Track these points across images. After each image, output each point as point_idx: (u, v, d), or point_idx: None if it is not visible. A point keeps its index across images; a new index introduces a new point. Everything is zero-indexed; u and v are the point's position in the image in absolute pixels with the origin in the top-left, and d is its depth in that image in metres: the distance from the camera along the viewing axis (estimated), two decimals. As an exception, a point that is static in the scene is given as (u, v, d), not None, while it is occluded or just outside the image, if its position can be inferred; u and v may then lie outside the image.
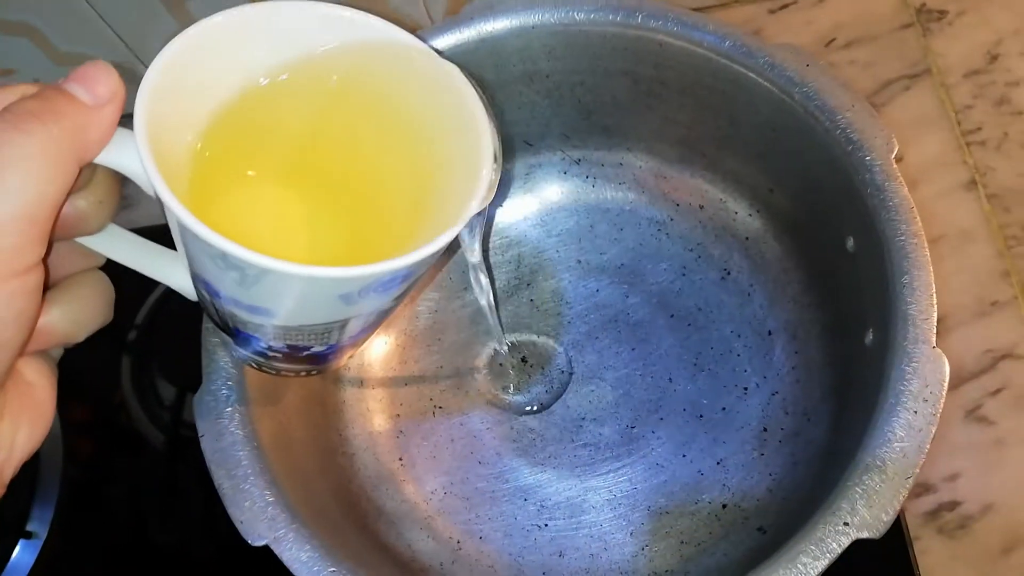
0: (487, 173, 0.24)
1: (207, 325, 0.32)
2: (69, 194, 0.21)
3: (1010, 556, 0.40)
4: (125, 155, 0.22)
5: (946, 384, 0.27)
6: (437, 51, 0.26)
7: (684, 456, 0.38)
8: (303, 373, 0.29)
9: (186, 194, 0.24)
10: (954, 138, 0.49)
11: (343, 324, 0.25)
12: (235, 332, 0.26)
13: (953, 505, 0.41)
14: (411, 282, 0.25)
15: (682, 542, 0.36)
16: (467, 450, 0.40)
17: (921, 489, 0.41)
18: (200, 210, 0.21)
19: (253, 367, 0.29)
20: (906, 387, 0.27)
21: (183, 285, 0.27)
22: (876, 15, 0.52)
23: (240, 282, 0.22)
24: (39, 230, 0.20)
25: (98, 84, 0.21)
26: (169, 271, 0.27)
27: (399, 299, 0.26)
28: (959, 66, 0.50)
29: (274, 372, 0.29)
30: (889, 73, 0.50)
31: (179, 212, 0.20)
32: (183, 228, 0.21)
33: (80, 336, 0.24)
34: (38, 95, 0.21)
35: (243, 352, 0.27)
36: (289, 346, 0.26)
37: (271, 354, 0.26)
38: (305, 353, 0.27)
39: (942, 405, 0.26)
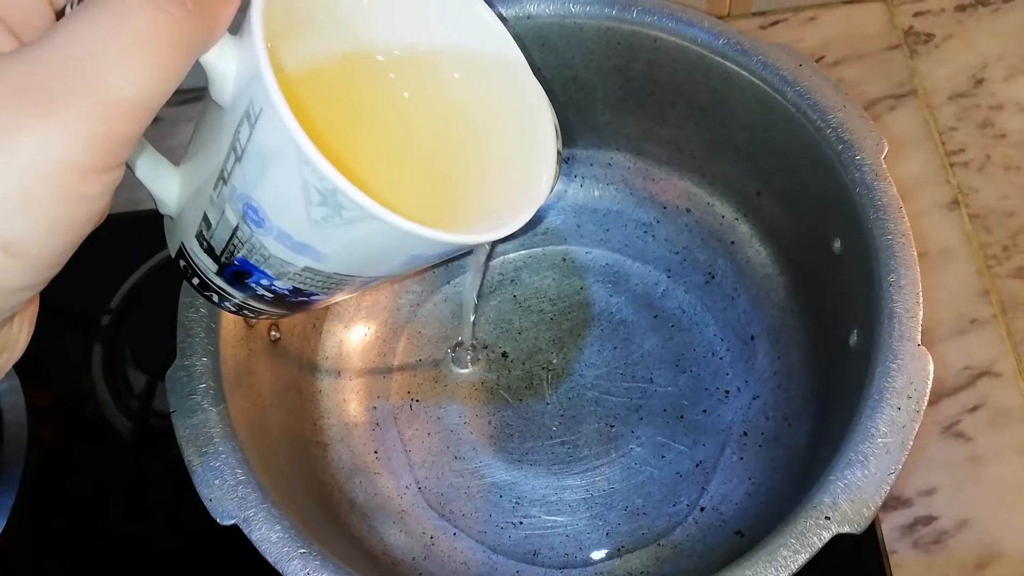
0: (548, 177, 0.26)
1: (185, 299, 0.32)
2: None
3: (984, 572, 0.40)
4: (226, 59, 0.20)
5: (930, 381, 0.27)
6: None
7: (663, 457, 0.38)
8: (273, 316, 0.28)
9: None
10: (938, 158, 0.49)
11: (369, 280, 0.24)
12: (236, 264, 0.24)
13: (929, 520, 0.41)
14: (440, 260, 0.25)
15: (659, 544, 0.36)
16: (443, 444, 0.39)
17: (897, 503, 0.41)
18: None
19: (214, 302, 0.27)
20: (890, 384, 0.26)
21: (166, 196, 0.25)
22: (864, 35, 0.53)
23: (321, 221, 0.21)
24: (147, 122, 0.18)
25: None
26: (159, 178, 0.25)
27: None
28: (944, 88, 0.51)
29: (233, 309, 0.27)
30: (875, 93, 0.51)
31: (295, 132, 0.19)
32: (279, 148, 0.20)
33: None
34: None
35: (228, 291, 0.26)
36: (295, 289, 0.25)
37: (262, 293, 0.25)
38: (300, 299, 0.25)
39: (926, 402, 0.26)
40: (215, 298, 0.27)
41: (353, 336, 0.41)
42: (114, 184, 0.19)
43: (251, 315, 0.28)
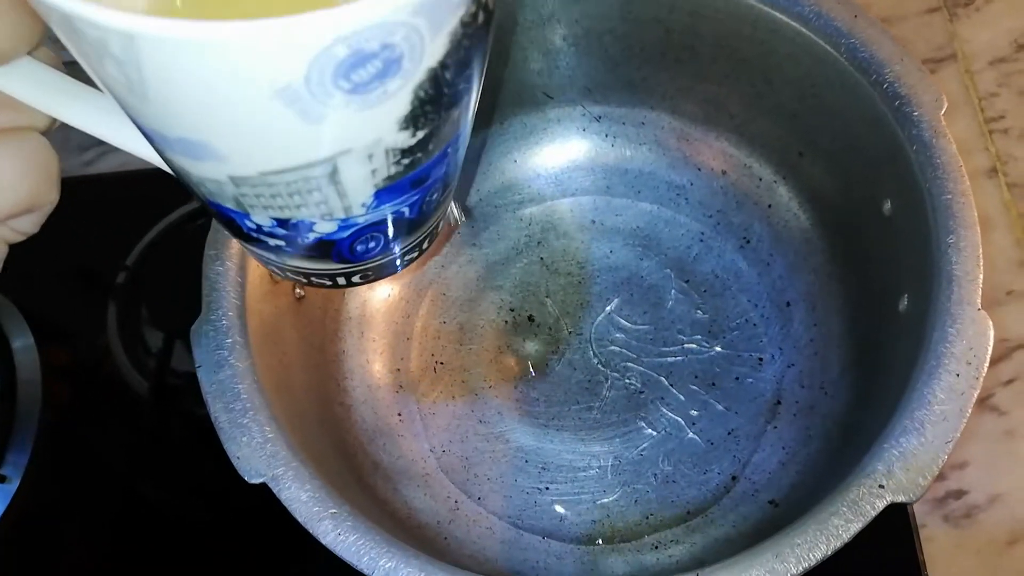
0: None
1: (210, 252, 0.31)
2: None
3: (1015, 548, 0.39)
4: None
5: (990, 347, 0.26)
6: None
7: (694, 424, 0.37)
8: (341, 279, 0.23)
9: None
10: (977, 125, 0.48)
11: (330, 172, 0.18)
12: (210, 207, 0.20)
13: (960, 494, 0.40)
14: (404, 76, 0.16)
15: (688, 512, 0.35)
16: (467, 408, 0.38)
17: (929, 475, 0.40)
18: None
19: (277, 274, 0.23)
20: (948, 349, 0.25)
21: (121, 138, 0.21)
22: (904, -3, 0.51)
23: (126, 84, 0.16)
24: None
25: None
26: (100, 117, 0.20)
27: (417, 124, 0.18)
28: (985, 53, 0.49)
29: (289, 277, 0.23)
30: (913, 56, 0.49)
31: None
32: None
33: None
34: None
35: (252, 249, 0.22)
36: (279, 221, 0.20)
37: (273, 243, 0.21)
38: (312, 237, 0.21)
39: (986, 369, 0.25)
40: (276, 272, 0.23)
41: (377, 296, 0.40)
42: None
43: (319, 280, 0.23)
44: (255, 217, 0.20)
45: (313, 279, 0.23)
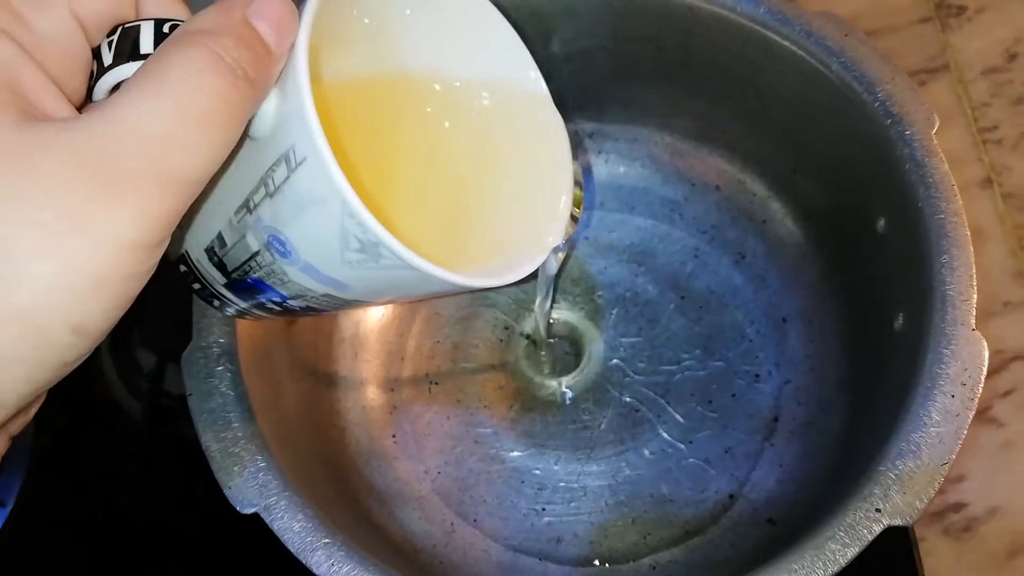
0: (565, 210, 0.27)
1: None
2: None
3: (1016, 560, 0.39)
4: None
5: (985, 368, 0.25)
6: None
7: (691, 443, 0.36)
8: (274, 320, 0.28)
9: None
10: (970, 135, 0.48)
11: (384, 302, 0.26)
12: (249, 282, 0.24)
13: (959, 507, 0.40)
14: None
15: (687, 532, 0.35)
16: (463, 428, 0.38)
17: (927, 489, 0.40)
18: None
19: (214, 307, 0.27)
20: (943, 370, 0.25)
21: None
22: (895, 7, 0.51)
23: (355, 263, 0.21)
24: (197, 194, 0.18)
25: (286, 29, 0.18)
26: None
27: None
28: (977, 63, 0.50)
29: (233, 314, 0.27)
30: (906, 67, 0.49)
31: (344, 189, 0.19)
32: (321, 197, 0.19)
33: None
34: (225, 28, 0.18)
35: (233, 300, 0.25)
36: (307, 307, 0.24)
37: (270, 307, 0.25)
38: (310, 313, 0.25)
39: (980, 390, 0.25)
40: (215, 303, 0.26)
41: (370, 316, 0.40)
42: (161, 254, 0.19)
43: (251, 318, 0.28)
44: (293, 302, 0.24)
45: (247, 317, 0.28)
